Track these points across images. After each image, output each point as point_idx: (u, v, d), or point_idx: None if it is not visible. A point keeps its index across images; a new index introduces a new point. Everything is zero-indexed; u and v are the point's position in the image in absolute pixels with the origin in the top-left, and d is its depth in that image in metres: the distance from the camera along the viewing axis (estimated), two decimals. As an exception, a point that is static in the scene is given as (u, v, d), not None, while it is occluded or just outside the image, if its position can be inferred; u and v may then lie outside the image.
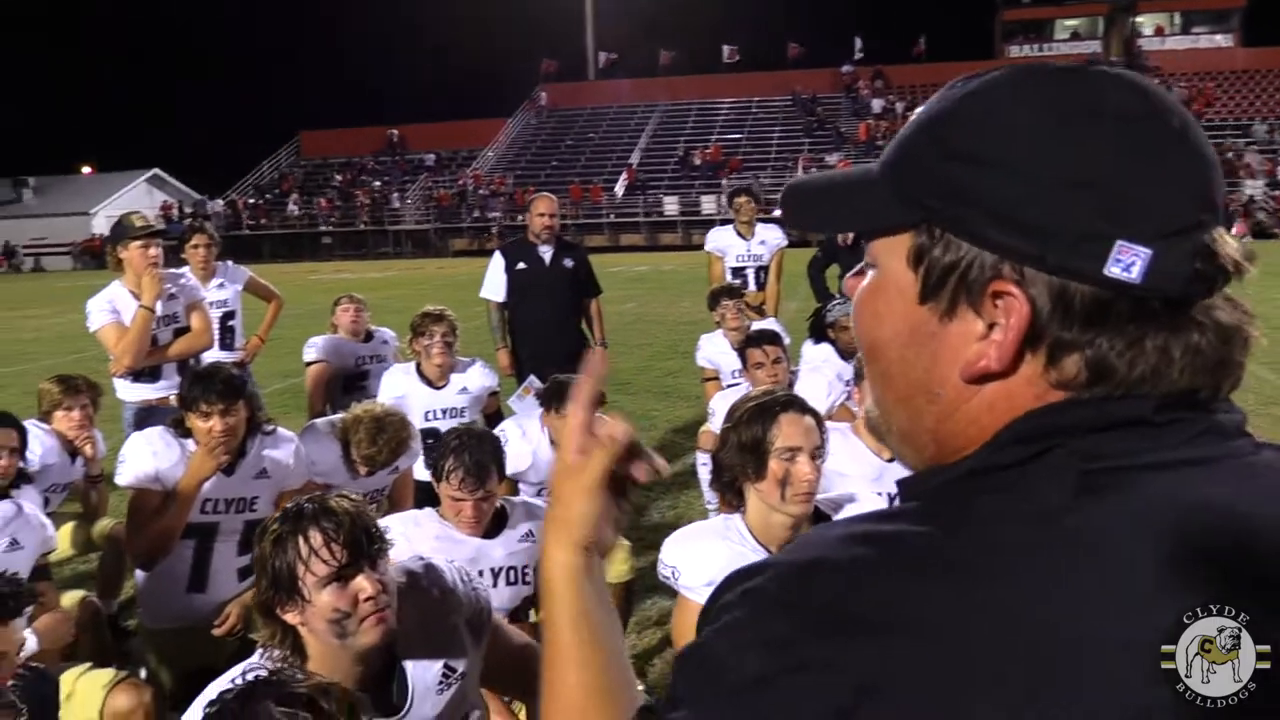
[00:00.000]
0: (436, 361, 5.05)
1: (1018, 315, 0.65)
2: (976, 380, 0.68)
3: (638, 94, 50.08)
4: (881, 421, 0.78)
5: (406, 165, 48.06)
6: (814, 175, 0.81)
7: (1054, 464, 0.65)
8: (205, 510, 3.50)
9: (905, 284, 0.71)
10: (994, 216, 0.66)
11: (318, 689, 1.53)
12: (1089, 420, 0.65)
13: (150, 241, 4.88)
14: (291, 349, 12.98)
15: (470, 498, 2.95)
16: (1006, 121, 0.67)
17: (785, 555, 0.70)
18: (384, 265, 35.51)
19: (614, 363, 11.11)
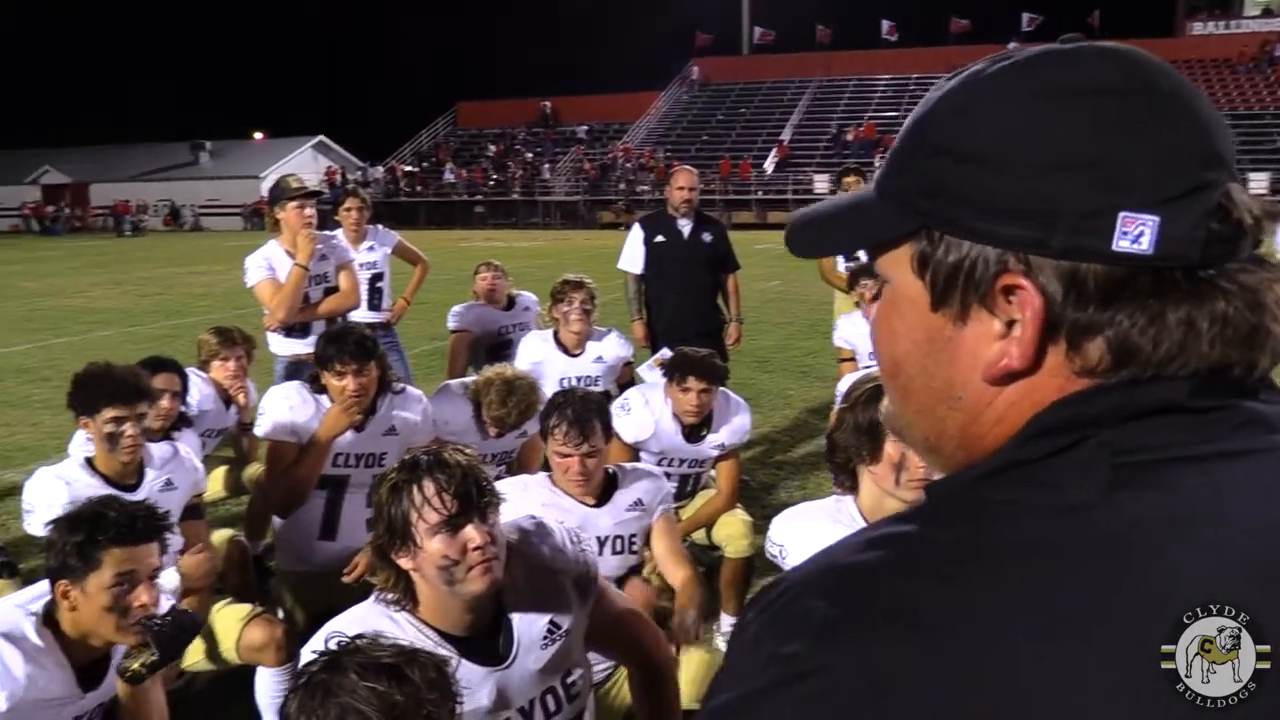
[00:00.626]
0: (574, 329, 5.14)
1: (1032, 307, 0.63)
2: (1000, 381, 0.66)
3: (792, 69, 49.38)
4: (905, 433, 0.76)
5: (558, 137, 48.72)
6: (817, 205, 0.80)
7: (1083, 457, 0.62)
8: (337, 464, 3.67)
9: (915, 294, 0.69)
10: (988, 209, 0.64)
11: (405, 657, 1.56)
12: (1118, 407, 0.63)
13: (305, 202, 5.11)
14: (439, 313, 13.35)
15: (575, 452, 3.00)
16: (987, 111, 0.65)
17: (802, 565, 0.68)
18: (532, 235, 36.19)
19: (753, 340, 11.07)
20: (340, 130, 56.50)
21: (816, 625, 0.60)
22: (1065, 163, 0.62)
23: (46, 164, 52.20)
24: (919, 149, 0.68)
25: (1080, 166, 0.62)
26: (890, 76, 47.48)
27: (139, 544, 2.33)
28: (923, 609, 0.58)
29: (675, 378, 3.98)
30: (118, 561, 2.29)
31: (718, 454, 4.21)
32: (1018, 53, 0.67)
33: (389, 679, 1.51)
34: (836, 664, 0.58)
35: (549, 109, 50.55)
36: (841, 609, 0.60)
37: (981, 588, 0.58)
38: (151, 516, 2.40)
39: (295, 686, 1.55)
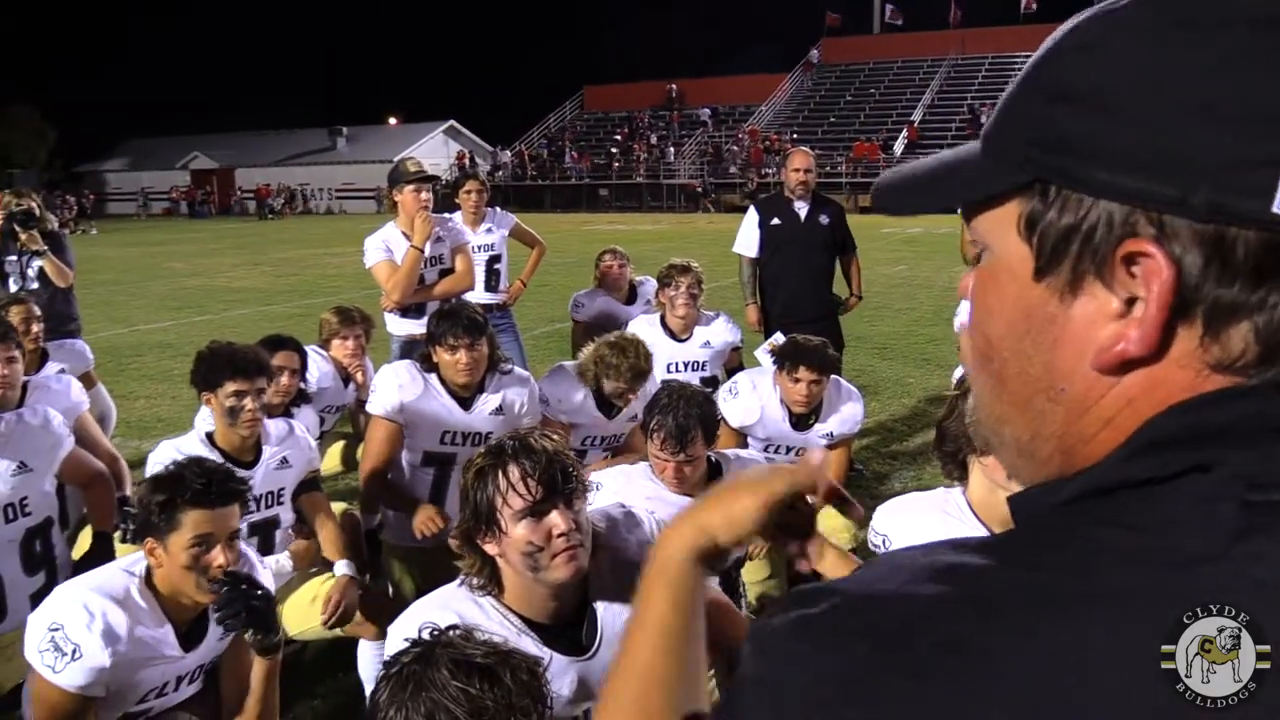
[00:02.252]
0: (680, 313, 5.11)
1: (1160, 281, 0.52)
2: (1114, 370, 0.56)
3: (924, 48, 48.08)
4: (991, 435, 0.66)
5: (683, 120, 48.60)
6: (909, 163, 0.70)
7: (1206, 489, 0.52)
8: (444, 442, 3.71)
9: (1018, 261, 0.59)
10: (1117, 157, 0.53)
11: (499, 657, 1.53)
12: (1253, 418, 0.53)
13: (421, 186, 5.19)
14: (557, 295, 13.56)
15: (672, 459, 2.96)
16: (1122, 47, 0.55)
17: (852, 582, 0.60)
18: (655, 219, 36.22)
19: (875, 326, 10.86)
20: (470, 115, 57.59)
21: (863, 664, 0.53)
22: (1216, 105, 0.51)
23: (196, 150, 54.76)
24: (1035, 93, 0.59)
25: (1235, 110, 0.51)
26: (1028, 53, 45.51)
27: (216, 507, 2.40)
28: (971, 661, 0.51)
29: (786, 366, 3.91)
30: (196, 523, 2.37)
31: (826, 443, 4.11)
32: None
33: (481, 680, 1.49)
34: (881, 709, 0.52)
35: (674, 92, 50.45)
36: (884, 655, 0.53)
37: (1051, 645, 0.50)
38: (229, 480, 2.47)
39: (388, 674, 1.55)
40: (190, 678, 2.51)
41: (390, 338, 5.49)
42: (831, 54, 50.10)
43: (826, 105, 46.69)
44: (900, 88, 46.28)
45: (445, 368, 3.60)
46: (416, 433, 3.68)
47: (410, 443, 3.70)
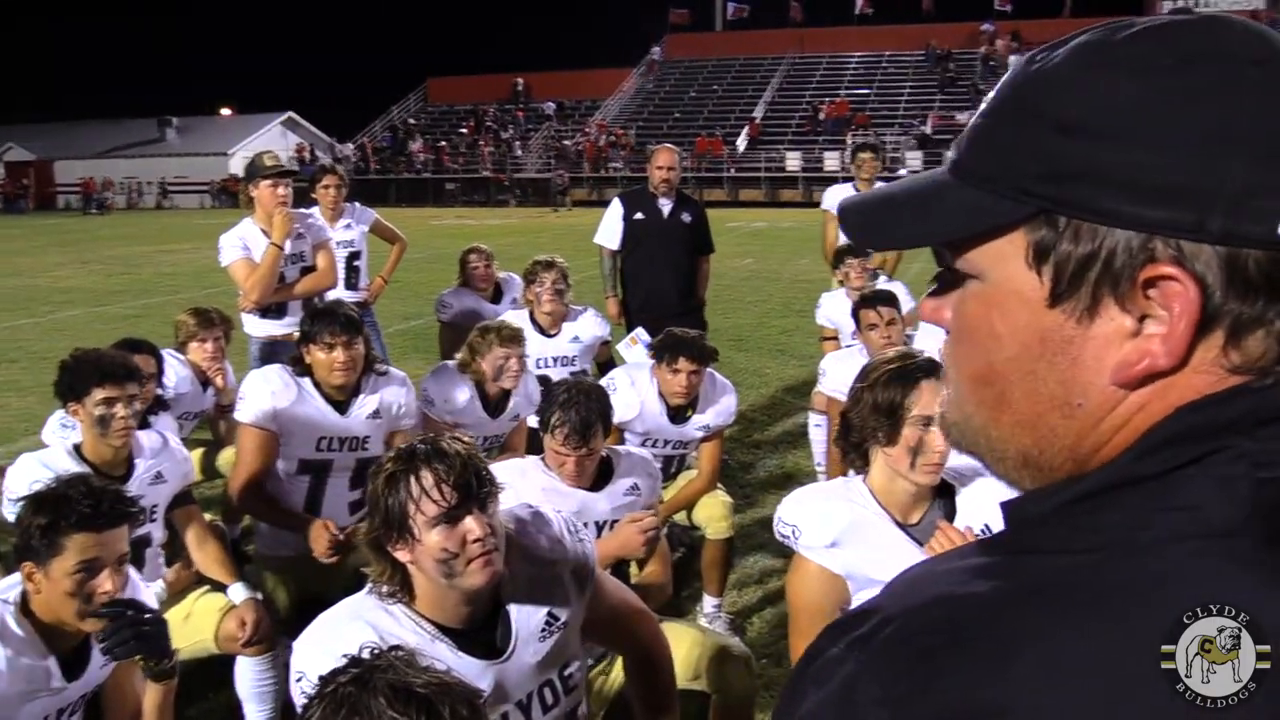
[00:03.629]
0: (546, 309, 5.12)
1: (1185, 301, 0.56)
2: (1136, 384, 0.60)
3: (764, 46, 49.16)
4: (986, 452, 0.68)
5: (529, 114, 48.37)
6: (870, 191, 0.71)
7: (1219, 472, 0.56)
8: (320, 448, 3.61)
9: (1028, 289, 0.62)
10: (1133, 190, 0.56)
11: (438, 689, 1.47)
12: (1259, 410, 0.57)
13: (279, 181, 5.02)
14: (414, 292, 13.33)
15: (573, 454, 2.97)
16: (1125, 82, 0.57)
17: (894, 598, 0.62)
18: (505, 213, 35.97)
19: (728, 319, 11.07)
20: (309, 106, 55.61)
21: (939, 663, 0.55)
22: (1225, 137, 0.55)
23: (9, 141, 51.25)
24: (1034, 126, 0.60)
25: (1242, 141, 0.55)
26: (863, 53, 47.43)
27: (104, 530, 2.26)
28: (1038, 648, 0.53)
29: (665, 358, 3.95)
30: (82, 547, 2.22)
31: (702, 435, 4.19)
32: (1140, 21, 0.61)
33: (419, 711, 1.42)
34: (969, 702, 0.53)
35: (520, 85, 50.14)
36: (966, 645, 0.55)
37: (1117, 629, 0.53)
38: (119, 501, 2.33)
39: (321, 693, 1.48)
40: (72, 709, 2.36)
41: (249, 339, 5.29)
42: (676, 50, 50.69)
43: (671, 101, 47.22)
44: (742, 84, 47.20)
45: (321, 369, 3.50)
46: (291, 440, 3.56)
47: (284, 451, 3.58)
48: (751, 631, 4.01)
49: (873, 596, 0.65)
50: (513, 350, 4.16)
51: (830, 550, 2.16)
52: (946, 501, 2.30)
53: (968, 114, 27.71)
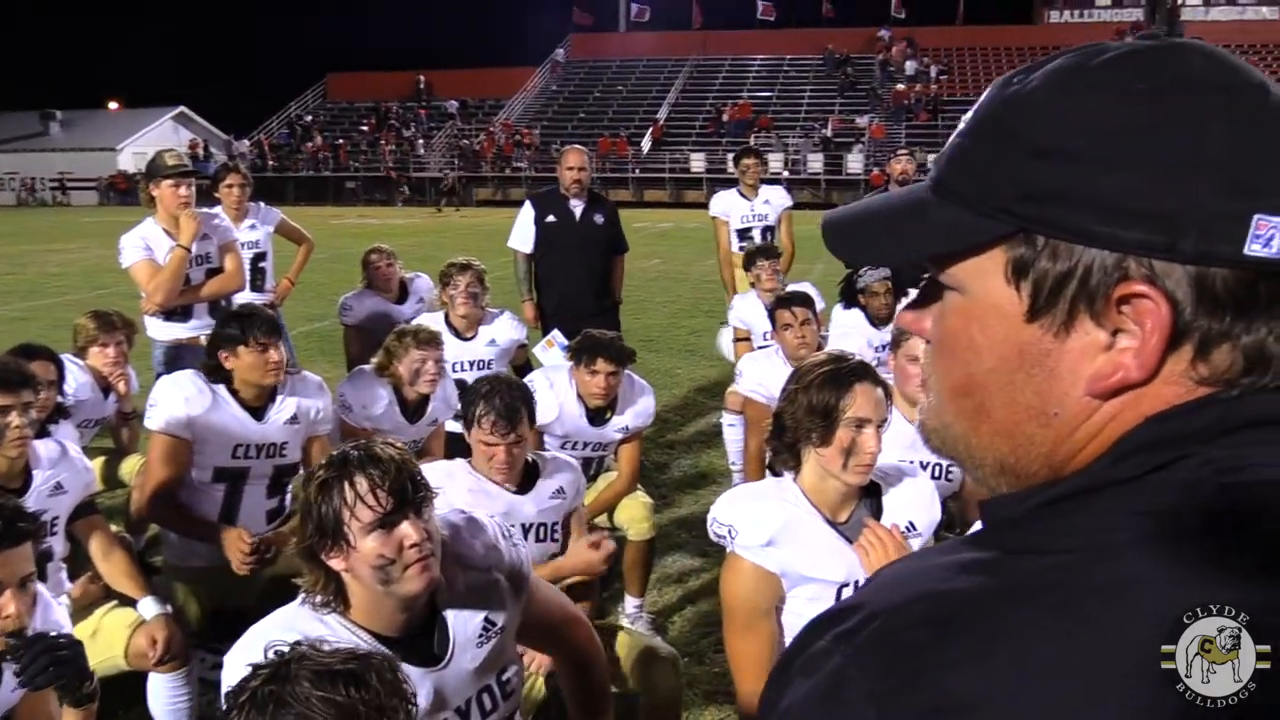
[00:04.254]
0: (461, 312, 5.08)
1: (1157, 317, 0.60)
2: (1110, 394, 0.63)
3: (668, 48, 49.47)
4: (966, 459, 0.71)
5: (432, 112, 47.80)
6: (848, 207, 0.75)
7: (1186, 477, 0.59)
8: (236, 456, 3.52)
9: (1006, 303, 0.65)
10: (1109, 210, 0.60)
11: (360, 661, 1.47)
12: (1225, 419, 0.60)
13: (181, 180, 4.87)
14: (318, 293, 13.05)
15: (502, 442, 2.95)
16: (1100, 108, 0.61)
17: (879, 593, 0.63)
18: (408, 212, 35.48)
19: (638, 319, 11.10)
20: (203, 101, 53.94)
21: (924, 658, 0.57)
22: (1195, 162, 0.59)
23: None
24: (1012, 148, 0.63)
25: (1211, 166, 0.59)
26: (765, 57, 48.07)
27: (4, 549, 2.14)
28: (1018, 643, 0.55)
29: (583, 360, 3.95)
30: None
31: (621, 437, 4.20)
32: (1112, 47, 0.64)
33: (347, 685, 1.42)
34: (955, 694, 0.55)
35: (423, 83, 49.52)
36: (949, 641, 0.56)
37: (1089, 629, 0.55)
38: (19, 517, 2.22)
39: (237, 702, 1.44)
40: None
41: (152, 343, 5.12)
42: (580, 50, 50.66)
43: (576, 101, 47.18)
44: (646, 86, 47.42)
45: (252, 371, 3.40)
46: (205, 448, 3.46)
47: (199, 459, 3.47)
48: (673, 631, 4.04)
49: (857, 591, 0.68)
50: (430, 353, 4.12)
51: (765, 549, 2.19)
52: (873, 500, 2.36)
53: (867, 117, 28.21)
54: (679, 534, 5.05)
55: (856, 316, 5.38)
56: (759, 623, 2.21)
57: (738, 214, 7.42)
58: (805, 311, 4.49)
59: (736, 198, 7.47)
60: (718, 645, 3.85)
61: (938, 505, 2.48)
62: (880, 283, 5.34)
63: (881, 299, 5.33)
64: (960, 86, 43.94)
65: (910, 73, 44.34)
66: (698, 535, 5.00)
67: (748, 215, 7.41)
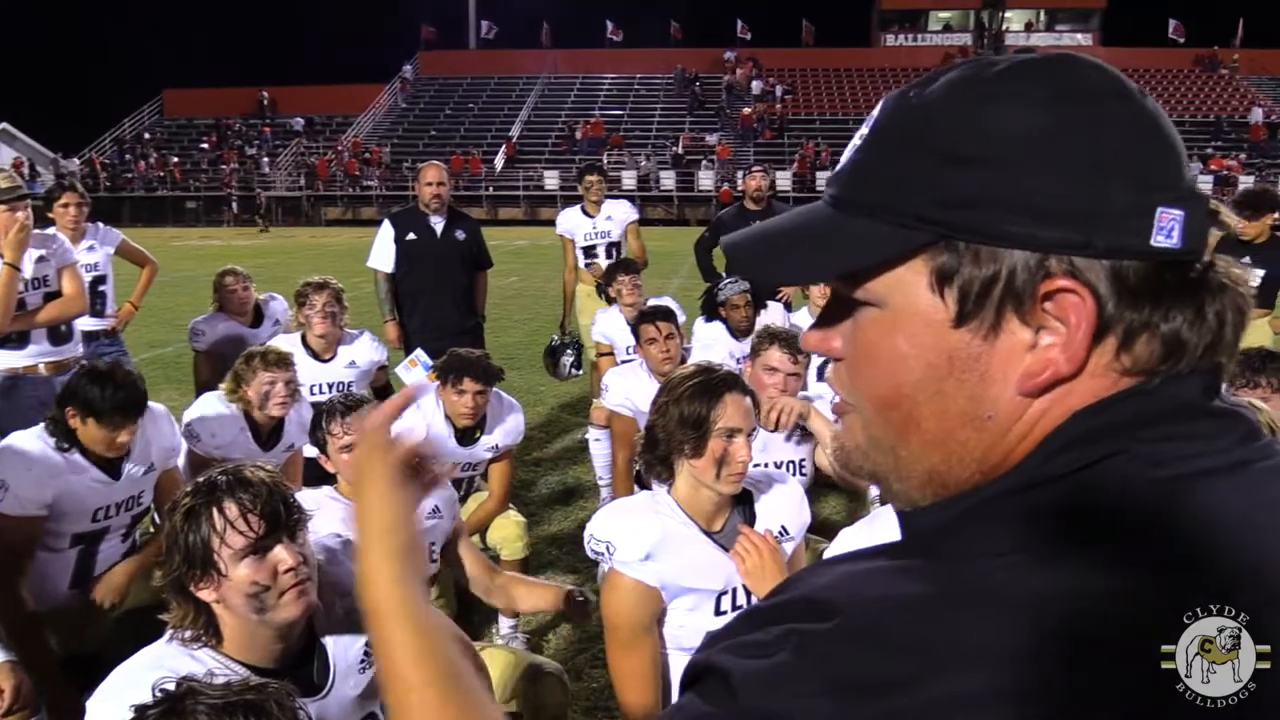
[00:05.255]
0: (318, 332, 4.95)
1: (1082, 310, 0.62)
2: (1040, 391, 0.64)
3: (519, 66, 49.40)
4: (897, 470, 0.71)
5: (276, 129, 46.39)
6: (751, 229, 0.75)
7: (1119, 474, 0.61)
8: (96, 519, 3.33)
9: (932, 311, 0.65)
10: (1025, 212, 0.61)
11: (256, 691, 1.40)
12: (1148, 409, 0.63)
13: (17, 205, 4.58)
14: (158, 317, 12.51)
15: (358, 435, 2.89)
16: (1007, 115, 0.63)
17: (827, 594, 0.63)
18: (253, 233, 34.32)
19: (499, 337, 11.02)
20: (27, 117, 51.03)
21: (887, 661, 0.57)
22: (1101, 162, 0.61)
23: None
24: (921, 157, 0.64)
25: (1116, 165, 0.61)
26: (615, 76, 48.54)
27: None
28: (993, 644, 0.55)
29: (450, 380, 3.89)
30: None
31: (491, 456, 4.16)
32: (1001, 59, 0.66)
33: (247, 715, 1.35)
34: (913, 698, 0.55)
35: (266, 99, 48.04)
36: (912, 643, 0.57)
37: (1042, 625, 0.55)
38: None
39: None
40: None
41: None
42: (429, 67, 50.09)
43: (426, 118, 46.60)
44: (498, 103, 47.22)
45: (91, 442, 3.18)
46: (64, 519, 3.23)
47: (55, 528, 3.23)
48: (549, 649, 4.01)
49: (794, 587, 0.67)
50: (279, 375, 3.98)
51: (644, 564, 2.20)
52: (745, 507, 2.40)
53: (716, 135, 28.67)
54: (550, 551, 5.02)
55: (718, 329, 5.48)
56: (641, 638, 2.22)
57: (581, 232, 7.44)
58: (669, 326, 4.54)
59: (580, 216, 7.49)
60: (594, 661, 3.85)
61: (807, 508, 2.54)
62: (740, 295, 5.44)
63: (742, 311, 5.43)
64: (804, 106, 45.34)
65: (756, 93, 45.48)
66: (568, 552, 4.99)
67: (590, 233, 7.44)
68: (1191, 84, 45.73)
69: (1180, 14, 47.04)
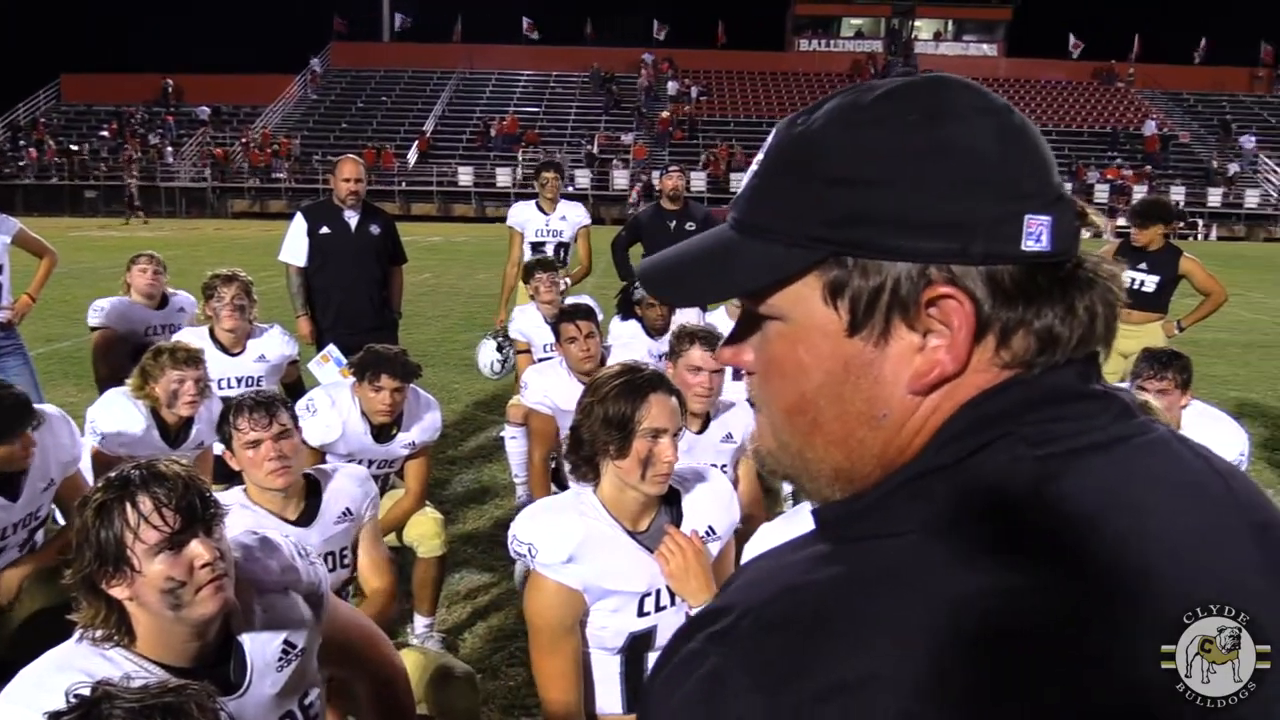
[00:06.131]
0: (226, 326, 4.85)
1: (963, 314, 0.67)
2: (929, 389, 0.69)
3: (433, 60, 48.80)
4: (806, 468, 0.76)
5: (181, 118, 45.05)
6: (662, 254, 0.80)
7: (1004, 455, 0.65)
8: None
9: (828, 323, 0.70)
10: (905, 227, 0.67)
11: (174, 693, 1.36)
12: (1028, 396, 0.67)
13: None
14: (55, 311, 12.07)
15: (265, 434, 2.82)
16: (885, 137, 0.68)
17: (742, 593, 0.68)
18: (156, 225, 33.32)
19: (412, 334, 10.88)
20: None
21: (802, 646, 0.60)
22: (973, 176, 0.67)
23: None
24: (808, 181, 0.70)
25: (986, 178, 0.67)
26: (531, 73, 48.30)
27: None
28: (898, 618, 0.59)
29: (367, 377, 3.83)
30: None
31: (408, 453, 4.11)
32: (880, 85, 0.71)
33: (166, 719, 1.32)
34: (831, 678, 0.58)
35: (171, 87, 46.61)
36: (823, 627, 0.60)
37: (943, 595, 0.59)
38: None
39: None
40: None
41: None
42: (341, 59, 49.17)
43: (338, 111, 45.74)
44: (412, 97, 46.60)
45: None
46: None
47: None
48: (465, 648, 3.98)
49: (719, 595, 0.71)
50: (188, 373, 3.87)
51: (567, 566, 2.18)
52: (672, 507, 2.40)
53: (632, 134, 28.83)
54: (465, 550, 4.98)
55: (634, 327, 5.50)
56: (564, 639, 2.21)
57: (533, 227, 7.41)
58: (589, 325, 4.53)
59: (534, 210, 7.45)
60: (511, 659, 3.83)
61: (736, 507, 2.55)
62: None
63: (657, 310, 5.47)
64: (720, 108, 45.71)
65: (672, 93, 45.71)
66: (484, 551, 4.96)
67: (543, 229, 7.41)
68: (1090, 96, 47.32)
69: (1079, 29, 48.77)
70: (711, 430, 3.74)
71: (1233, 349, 11.54)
